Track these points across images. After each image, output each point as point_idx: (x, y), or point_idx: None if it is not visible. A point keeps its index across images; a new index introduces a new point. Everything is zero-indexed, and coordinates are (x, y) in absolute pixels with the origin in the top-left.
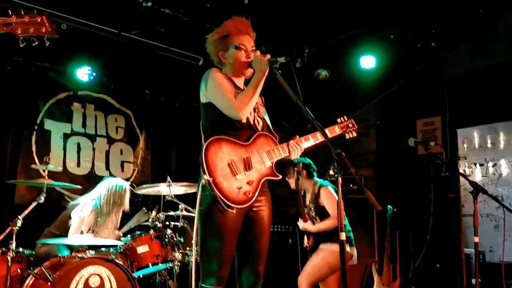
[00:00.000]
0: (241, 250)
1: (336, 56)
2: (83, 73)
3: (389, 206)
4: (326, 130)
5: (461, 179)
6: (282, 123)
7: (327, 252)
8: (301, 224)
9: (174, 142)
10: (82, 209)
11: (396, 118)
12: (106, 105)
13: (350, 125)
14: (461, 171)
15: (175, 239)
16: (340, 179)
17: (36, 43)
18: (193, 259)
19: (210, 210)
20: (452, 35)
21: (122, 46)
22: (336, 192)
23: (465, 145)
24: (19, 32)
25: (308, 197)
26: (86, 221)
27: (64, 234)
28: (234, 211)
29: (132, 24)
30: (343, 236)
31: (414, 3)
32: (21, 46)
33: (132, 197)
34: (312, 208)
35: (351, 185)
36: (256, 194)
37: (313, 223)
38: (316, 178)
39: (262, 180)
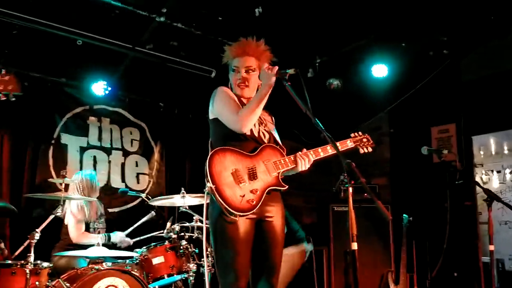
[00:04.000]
0: (255, 261)
1: (348, 65)
2: (99, 88)
3: (404, 215)
4: (338, 143)
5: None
6: (295, 133)
7: (287, 257)
8: None
9: (188, 153)
10: (69, 209)
11: (410, 126)
12: (121, 118)
13: (365, 139)
14: (478, 178)
15: (190, 250)
16: (350, 189)
17: (3, 98)
18: (207, 270)
19: (219, 222)
20: (464, 42)
21: (136, 60)
22: None
23: (482, 152)
24: None
25: None
26: (79, 216)
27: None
28: (237, 219)
29: (145, 39)
30: (354, 246)
31: (424, 11)
32: None
33: (148, 209)
34: None
35: (366, 194)
36: (260, 202)
37: None
38: None
39: (267, 189)
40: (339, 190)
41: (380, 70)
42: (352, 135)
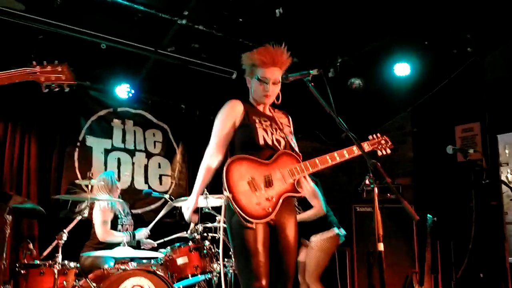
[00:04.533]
0: (271, 266)
1: (369, 64)
2: (122, 90)
3: (429, 215)
4: (354, 147)
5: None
6: (317, 133)
7: (320, 243)
8: None
9: None
10: (95, 209)
11: (433, 125)
12: (144, 120)
13: (383, 141)
14: (503, 177)
15: (213, 250)
16: (376, 189)
17: (57, 89)
18: (231, 270)
19: (238, 225)
20: (488, 39)
21: (158, 63)
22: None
23: (507, 151)
24: (42, 80)
25: None
26: (105, 216)
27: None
28: (254, 226)
29: (167, 42)
30: (381, 246)
31: (448, 8)
32: (44, 92)
33: (170, 210)
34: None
35: (389, 195)
36: (276, 209)
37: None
38: None
39: (282, 196)
40: (363, 190)
41: (402, 69)
42: (370, 137)
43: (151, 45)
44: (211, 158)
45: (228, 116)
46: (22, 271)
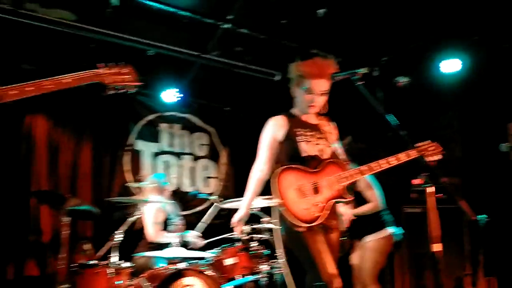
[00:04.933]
0: None
1: (415, 62)
2: (169, 95)
3: (481, 215)
4: (401, 155)
5: None
6: (362, 134)
7: (375, 243)
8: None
9: (254, 156)
10: (146, 210)
11: (483, 122)
12: (191, 124)
13: (431, 148)
14: None
15: (261, 251)
16: (429, 189)
17: (121, 90)
18: (279, 272)
19: (291, 231)
20: None
21: (203, 67)
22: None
23: None
24: (108, 81)
25: None
26: (155, 217)
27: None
28: (303, 229)
29: (212, 46)
30: (436, 247)
31: (497, 2)
32: (109, 93)
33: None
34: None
35: (439, 195)
36: (324, 213)
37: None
38: None
39: (330, 202)
40: (414, 191)
41: (450, 66)
42: (417, 145)
43: (196, 49)
44: (260, 171)
45: (271, 133)
46: (78, 271)
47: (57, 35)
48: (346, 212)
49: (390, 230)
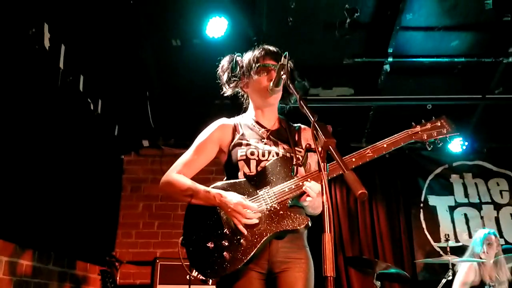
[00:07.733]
0: None
1: None
2: (455, 145)
3: None
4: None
5: None
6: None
7: None
8: None
9: None
10: (459, 270)
11: None
12: (483, 170)
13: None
14: None
15: None
16: None
17: (440, 144)
18: None
19: None
20: None
21: (487, 108)
22: None
23: None
24: (425, 137)
25: None
26: (467, 278)
27: None
28: None
29: (494, 84)
30: None
31: None
32: (429, 149)
33: None
34: None
35: None
36: None
37: None
38: None
39: None
40: None
41: None
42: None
43: (477, 92)
44: None
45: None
46: None
47: (338, 109)
48: None
49: None
